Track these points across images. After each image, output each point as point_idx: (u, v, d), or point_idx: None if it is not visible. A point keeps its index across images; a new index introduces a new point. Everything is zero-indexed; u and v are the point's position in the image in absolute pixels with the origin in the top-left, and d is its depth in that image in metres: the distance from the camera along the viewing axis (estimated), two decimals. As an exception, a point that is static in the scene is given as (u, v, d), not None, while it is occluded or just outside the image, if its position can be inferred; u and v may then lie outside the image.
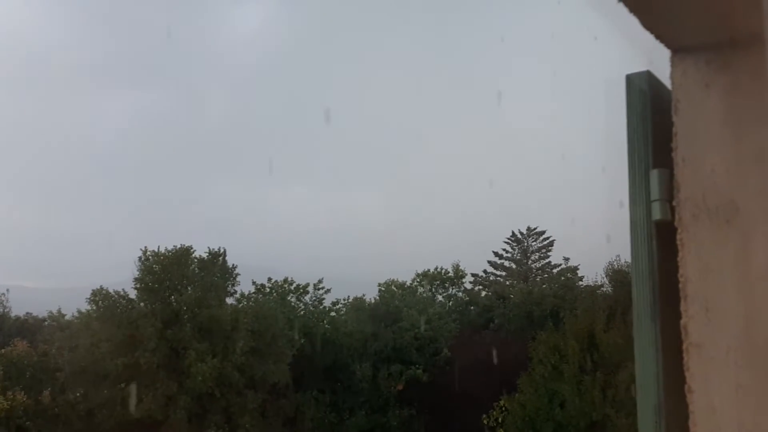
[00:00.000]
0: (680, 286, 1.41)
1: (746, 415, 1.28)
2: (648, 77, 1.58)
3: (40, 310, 42.82)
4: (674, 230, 1.44)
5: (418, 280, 45.84)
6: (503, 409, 28.79)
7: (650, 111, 1.58)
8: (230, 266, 35.78)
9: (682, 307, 1.40)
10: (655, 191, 1.51)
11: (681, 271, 1.41)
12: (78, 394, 30.68)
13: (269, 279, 40.75)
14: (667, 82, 1.54)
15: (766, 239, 1.30)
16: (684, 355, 1.38)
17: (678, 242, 1.42)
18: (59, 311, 40.48)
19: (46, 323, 40.37)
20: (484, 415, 29.42)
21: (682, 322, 1.39)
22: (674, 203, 1.46)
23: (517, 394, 27.66)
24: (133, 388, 30.41)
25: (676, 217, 1.44)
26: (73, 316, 38.68)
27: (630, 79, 1.61)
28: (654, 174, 1.52)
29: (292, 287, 40.49)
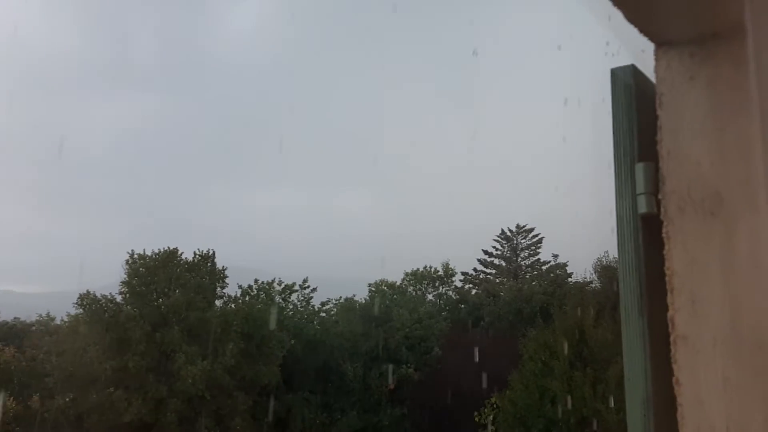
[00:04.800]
0: (667, 278, 1.41)
1: (733, 407, 1.28)
2: (633, 71, 1.58)
3: (29, 315, 42.49)
4: (660, 223, 1.44)
5: (408, 279, 45.91)
6: (494, 406, 28.86)
7: (635, 105, 1.59)
8: (219, 269, 35.64)
9: (669, 300, 1.40)
10: (640, 185, 1.52)
11: (667, 264, 1.41)
12: (67, 399, 30.46)
13: (256, 280, 40.62)
14: (651, 76, 1.54)
15: (750, 230, 1.30)
16: (671, 347, 1.38)
17: (664, 235, 1.43)
18: (48, 315, 40.22)
19: (34, 328, 40.05)
20: (476, 413, 29.48)
21: (669, 314, 1.39)
22: (660, 196, 1.46)
23: (508, 391, 27.73)
24: (122, 392, 30.25)
25: (662, 210, 1.44)
26: (62, 320, 38.45)
27: (615, 73, 1.61)
28: (639, 167, 1.52)
29: (279, 288, 40.37)
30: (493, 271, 52.88)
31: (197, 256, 34.75)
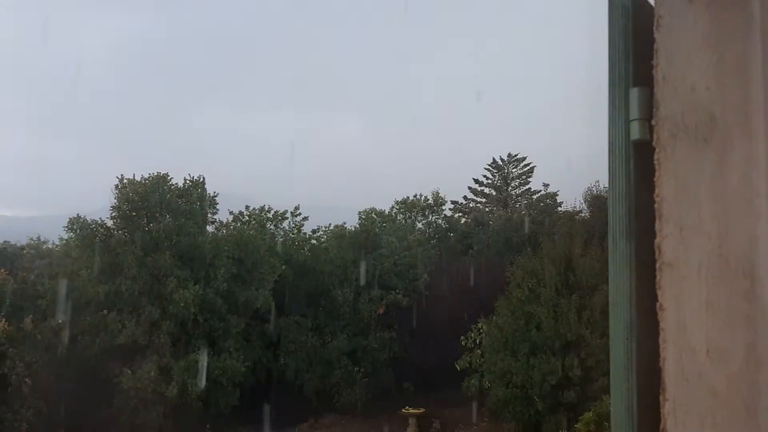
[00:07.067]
0: (656, 206, 1.40)
1: (714, 331, 1.30)
2: (631, -8, 1.53)
3: (19, 238, 42.52)
4: (652, 150, 1.43)
5: (398, 207, 46.07)
6: (481, 330, 29.55)
7: (632, 28, 1.54)
8: (210, 194, 35.59)
9: (657, 227, 1.40)
10: (634, 110, 1.49)
11: (657, 191, 1.40)
12: (60, 321, 30.90)
13: (247, 207, 40.64)
14: (650, -2, 1.49)
15: (741, 156, 1.29)
16: (657, 273, 1.39)
17: (655, 162, 1.41)
18: (39, 239, 40.29)
19: (25, 251, 40.17)
20: (462, 337, 30.20)
21: (656, 241, 1.39)
22: (653, 122, 1.44)
23: (494, 317, 28.33)
24: (116, 315, 30.71)
25: (655, 136, 1.42)
26: (53, 244, 38.54)
27: (613, -5, 1.56)
28: (634, 92, 1.49)
29: (270, 215, 40.46)
30: (483, 200, 53.05)
31: (187, 182, 34.61)
